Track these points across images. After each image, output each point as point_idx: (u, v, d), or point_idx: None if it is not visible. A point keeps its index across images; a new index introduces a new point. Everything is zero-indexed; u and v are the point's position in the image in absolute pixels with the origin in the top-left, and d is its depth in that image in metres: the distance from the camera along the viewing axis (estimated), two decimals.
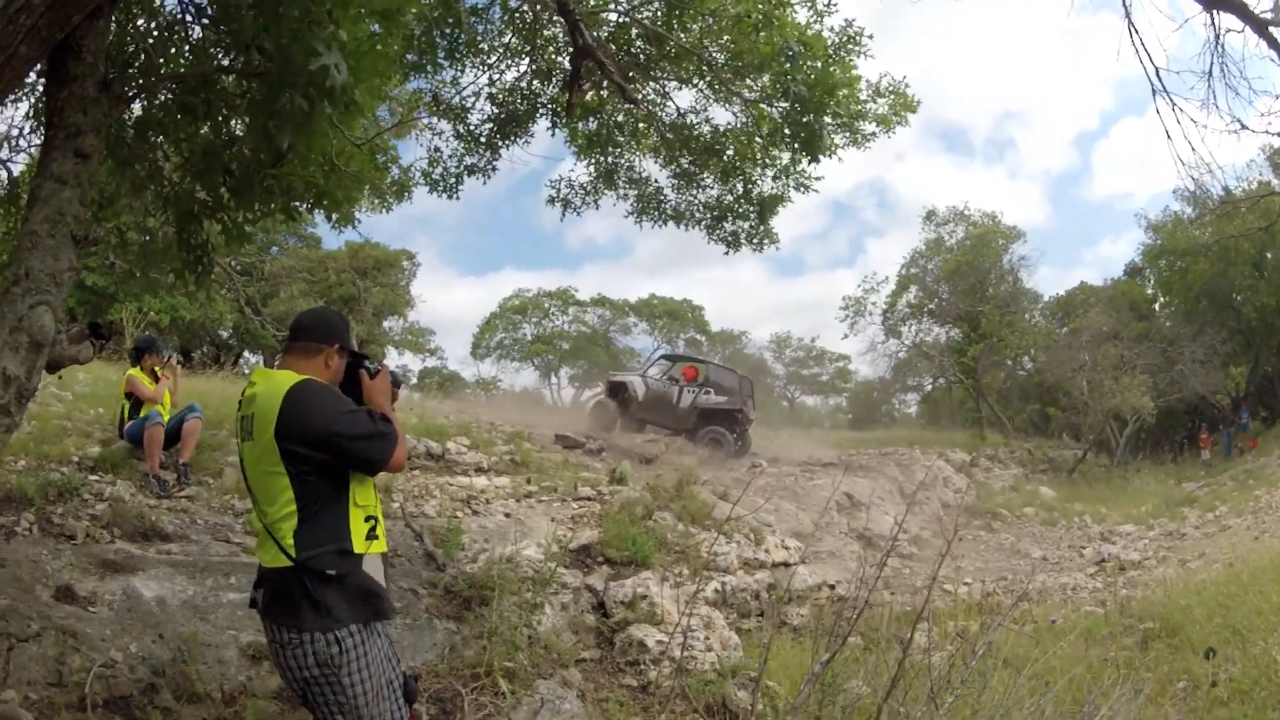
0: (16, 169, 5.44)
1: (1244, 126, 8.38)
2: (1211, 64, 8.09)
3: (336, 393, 3.35)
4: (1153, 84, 7.85)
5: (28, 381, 3.39)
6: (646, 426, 20.97)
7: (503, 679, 5.64)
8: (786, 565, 9.41)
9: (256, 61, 3.91)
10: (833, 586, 9.44)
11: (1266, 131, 8.69)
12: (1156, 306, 39.24)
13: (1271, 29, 7.79)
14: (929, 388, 44.81)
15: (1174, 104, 7.85)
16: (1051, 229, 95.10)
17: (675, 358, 25.34)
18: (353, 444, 3.21)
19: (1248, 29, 7.89)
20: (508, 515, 8.53)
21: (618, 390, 21.41)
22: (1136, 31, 7.69)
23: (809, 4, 10.59)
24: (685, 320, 55.41)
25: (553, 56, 11.71)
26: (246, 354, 34.03)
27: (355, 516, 3.28)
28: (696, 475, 11.48)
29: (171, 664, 5.02)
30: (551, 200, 13.22)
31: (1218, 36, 8.00)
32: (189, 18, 4.36)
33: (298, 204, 4.91)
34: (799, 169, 12.02)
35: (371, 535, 3.33)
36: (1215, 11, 7.93)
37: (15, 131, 5.13)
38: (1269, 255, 31.64)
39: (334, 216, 5.06)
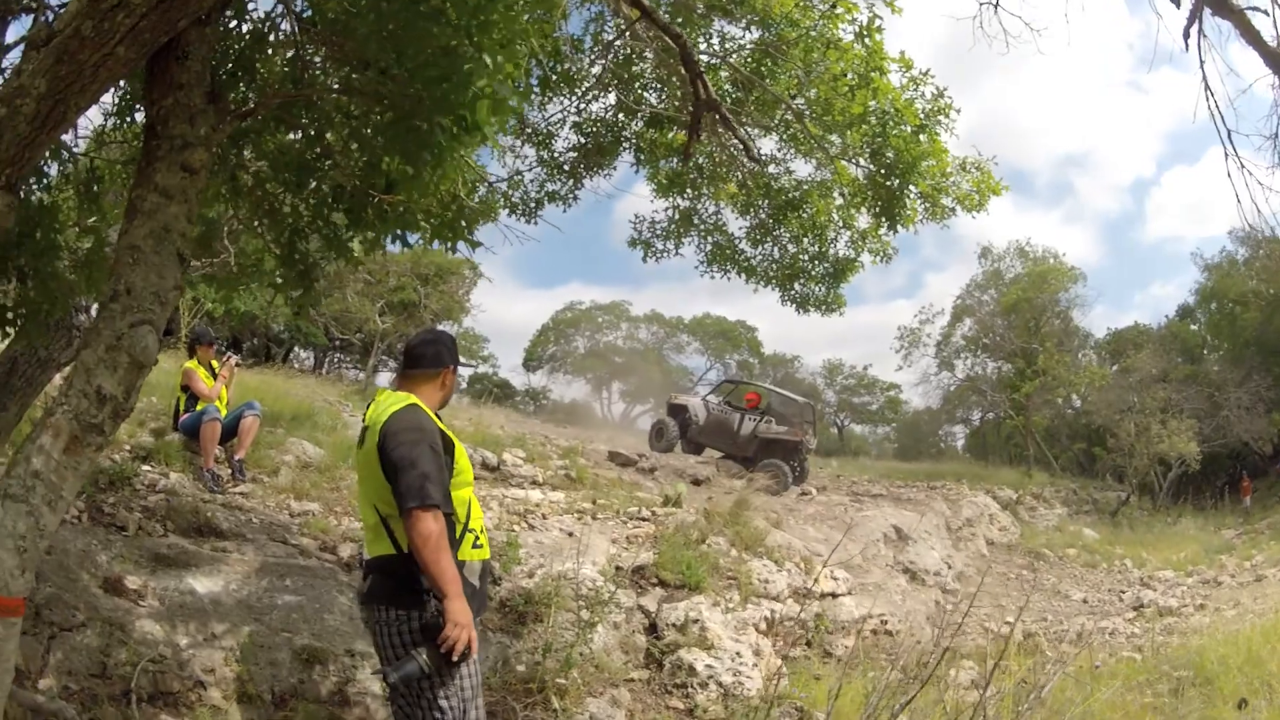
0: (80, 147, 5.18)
1: None
2: (1277, 128, 7.93)
3: (429, 423, 3.49)
4: (1225, 147, 7.62)
5: (125, 401, 3.26)
6: (704, 450, 20.86)
7: (554, 695, 5.59)
8: (834, 596, 9.28)
9: (385, 86, 3.76)
10: (884, 621, 9.30)
11: None
12: (1205, 350, 38.67)
13: None
14: (977, 422, 44.39)
15: (1243, 166, 7.66)
16: (1104, 269, 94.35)
17: (737, 383, 25.36)
18: (391, 454, 3.35)
19: None
20: (570, 534, 8.41)
21: (677, 412, 21.31)
22: (1212, 94, 7.51)
23: (904, 69, 10.47)
24: (738, 341, 55.24)
25: (640, 92, 11.50)
26: (298, 349, 34.29)
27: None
28: (749, 501, 11.35)
29: (223, 663, 4.97)
30: (633, 242, 13.02)
31: None
32: (294, 29, 4.15)
33: (413, 234, 4.64)
34: (878, 233, 11.82)
35: (475, 545, 3.60)
36: None
37: (99, 126, 4.94)
38: None
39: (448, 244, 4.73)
